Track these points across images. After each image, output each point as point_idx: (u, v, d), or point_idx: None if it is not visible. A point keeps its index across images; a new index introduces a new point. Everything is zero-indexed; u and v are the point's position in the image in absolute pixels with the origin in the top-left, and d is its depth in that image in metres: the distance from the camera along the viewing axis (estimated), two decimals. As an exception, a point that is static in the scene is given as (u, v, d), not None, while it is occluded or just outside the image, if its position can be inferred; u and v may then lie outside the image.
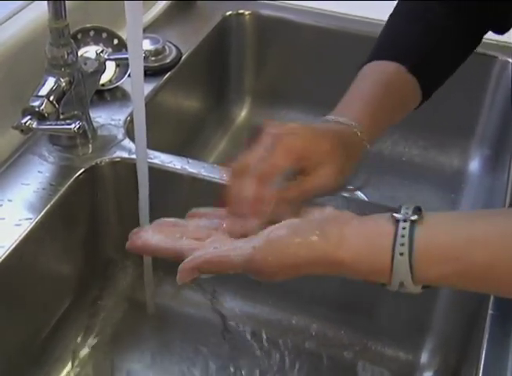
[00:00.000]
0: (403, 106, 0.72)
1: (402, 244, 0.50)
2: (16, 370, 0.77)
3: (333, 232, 0.52)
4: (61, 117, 0.77)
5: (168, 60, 0.99)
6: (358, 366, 0.83)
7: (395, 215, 0.51)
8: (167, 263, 0.90)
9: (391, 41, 0.74)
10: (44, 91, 0.75)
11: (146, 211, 0.75)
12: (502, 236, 0.50)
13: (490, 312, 0.67)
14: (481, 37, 0.75)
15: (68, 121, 0.77)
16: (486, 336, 0.65)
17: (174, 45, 1.01)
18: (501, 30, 0.74)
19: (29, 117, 0.74)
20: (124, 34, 0.92)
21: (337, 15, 1.12)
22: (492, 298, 0.68)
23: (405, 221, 0.51)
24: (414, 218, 0.51)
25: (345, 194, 0.80)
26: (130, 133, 0.84)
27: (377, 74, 0.71)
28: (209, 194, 0.80)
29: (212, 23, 1.10)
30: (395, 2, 0.78)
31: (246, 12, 1.13)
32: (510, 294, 0.55)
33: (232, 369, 0.83)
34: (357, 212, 0.75)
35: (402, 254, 0.50)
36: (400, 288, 0.52)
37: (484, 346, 0.64)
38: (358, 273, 0.53)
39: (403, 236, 0.50)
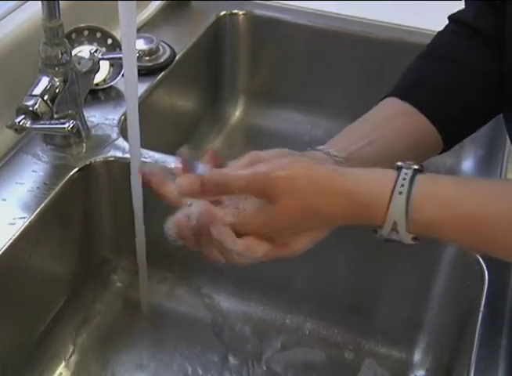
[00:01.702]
0: (405, 142, 0.67)
1: (402, 185, 0.52)
2: (11, 369, 0.77)
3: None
4: (55, 116, 0.78)
5: (162, 60, 0.99)
6: (352, 365, 0.84)
7: (398, 163, 0.54)
8: (161, 263, 0.91)
9: (407, 80, 0.71)
10: (38, 90, 0.75)
11: (139, 210, 0.75)
12: (496, 189, 0.54)
13: (482, 310, 0.67)
14: None
15: (62, 121, 0.77)
16: (478, 335, 0.66)
17: (168, 45, 1.01)
18: None
19: (23, 116, 0.74)
20: (118, 34, 0.92)
21: (330, 15, 1.12)
22: (483, 297, 0.68)
23: (407, 168, 0.54)
24: (416, 167, 0.54)
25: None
26: (124, 132, 0.84)
27: (380, 108, 0.69)
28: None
29: (206, 23, 1.10)
30: (388, 2, 0.77)
31: (240, 12, 1.13)
32: (496, 252, 0.55)
33: (225, 367, 0.83)
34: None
35: (400, 193, 0.52)
36: (391, 234, 0.53)
37: (476, 344, 0.65)
38: (355, 207, 0.53)
39: (404, 178, 0.53)
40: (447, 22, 0.73)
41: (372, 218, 0.54)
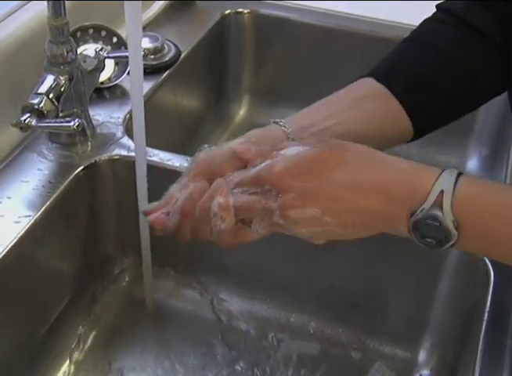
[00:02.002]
0: (374, 126, 0.66)
1: (451, 171, 0.52)
2: (15, 368, 0.77)
3: None
4: (60, 114, 0.78)
5: (167, 58, 0.99)
6: (356, 364, 0.83)
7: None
8: (166, 261, 0.91)
9: (388, 63, 0.70)
10: (43, 88, 0.75)
11: (144, 209, 0.75)
12: None
13: (487, 310, 0.67)
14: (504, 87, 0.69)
15: (67, 119, 0.77)
16: (483, 334, 0.66)
17: (173, 44, 1.01)
18: None
19: (28, 114, 0.74)
20: (123, 33, 0.92)
21: (335, 14, 1.12)
22: (489, 296, 0.68)
23: (450, 171, 0.52)
24: (459, 171, 0.52)
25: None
26: (129, 131, 0.84)
27: (352, 88, 0.68)
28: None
29: (211, 22, 1.11)
30: (396, 2, 0.76)
31: (245, 11, 1.13)
32: None
33: (230, 366, 0.83)
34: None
35: (450, 172, 0.52)
36: (433, 210, 0.51)
37: (481, 344, 0.65)
38: (401, 174, 0.53)
39: (451, 170, 0.52)
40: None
41: (418, 186, 0.52)
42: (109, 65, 0.91)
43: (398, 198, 0.52)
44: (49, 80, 0.76)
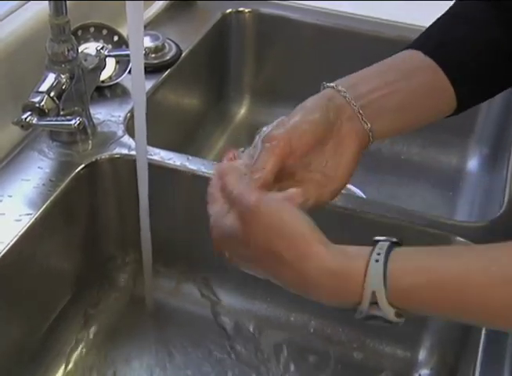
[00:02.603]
0: (424, 98, 0.66)
1: (379, 254, 0.50)
2: (15, 367, 0.77)
3: None
4: (61, 113, 0.78)
5: (168, 57, 0.99)
6: (356, 363, 0.84)
7: (376, 237, 0.52)
8: (166, 259, 0.91)
9: (434, 38, 0.69)
10: (44, 87, 0.75)
11: (145, 207, 0.75)
12: (474, 252, 0.52)
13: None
14: None
15: (68, 117, 0.77)
16: (483, 334, 0.65)
17: (174, 43, 1.02)
18: None
19: (29, 112, 0.74)
20: (124, 31, 0.92)
21: (336, 13, 1.12)
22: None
23: (384, 241, 0.52)
24: (394, 240, 0.52)
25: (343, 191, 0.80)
26: (130, 130, 0.84)
27: (399, 59, 0.67)
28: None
29: (212, 21, 1.10)
30: (398, 2, 0.76)
31: (246, 10, 1.13)
32: (487, 318, 0.51)
33: (230, 365, 0.83)
34: (356, 210, 0.76)
35: (377, 260, 0.50)
36: (371, 308, 0.50)
37: (481, 344, 0.65)
38: (328, 277, 0.51)
39: (381, 248, 0.51)
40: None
41: (347, 293, 0.51)
42: (110, 64, 0.91)
43: (330, 301, 0.52)
44: (50, 78, 0.76)
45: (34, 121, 0.74)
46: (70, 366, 0.82)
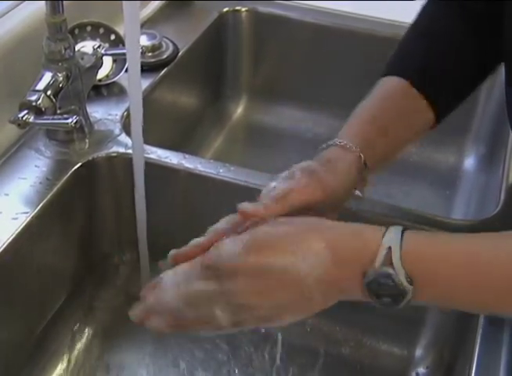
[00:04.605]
0: (408, 122, 0.70)
1: (394, 229, 0.53)
2: (12, 365, 0.77)
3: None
4: (58, 111, 0.78)
5: (165, 56, 0.99)
6: (353, 362, 0.84)
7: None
8: (163, 258, 0.90)
9: (400, 56, 0.72)
10: (41, 85, 0.75)
11: (142, 205, 0.75)
12: (484, 235, 0.53)
13: (484, 307, 0.67)
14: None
15: (65, 116, 0.77)
16: (480, 331, 0.66)
17: (171, 41, 1.02)
18: None
19: (26, 111, 0.74)
20: (121, 30, 0.92)
21: (333, 12, 1.12)
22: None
23: (394, 228, 0.53)
24: (403, 227, 0.53)
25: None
26: (126, 128, 0.84)
27: (383, 91, 0.70)
28: (205, 190, 0.81)
29: (209, 20, 1.11)
30: (393, 1, 0.77)
31: (243, 9, 1.13)
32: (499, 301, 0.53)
33: (228, 364, 0.83)
34: (353, 209, 0.76)
35: (393, 230, 0.52)
36: (385, 268, 0.51)
37: (478, 341, 0.65)
38: (346, 238, 0.53)
39: (394, 229, 0.53)
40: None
41: (365, 247, 0.52)
42: (107, 62, 0.91)
43: (347, 261, 0.53)
44: (47, 77, 0.76)
45: (30, 120, 0.74)
46: (67, 364, 0.82)
